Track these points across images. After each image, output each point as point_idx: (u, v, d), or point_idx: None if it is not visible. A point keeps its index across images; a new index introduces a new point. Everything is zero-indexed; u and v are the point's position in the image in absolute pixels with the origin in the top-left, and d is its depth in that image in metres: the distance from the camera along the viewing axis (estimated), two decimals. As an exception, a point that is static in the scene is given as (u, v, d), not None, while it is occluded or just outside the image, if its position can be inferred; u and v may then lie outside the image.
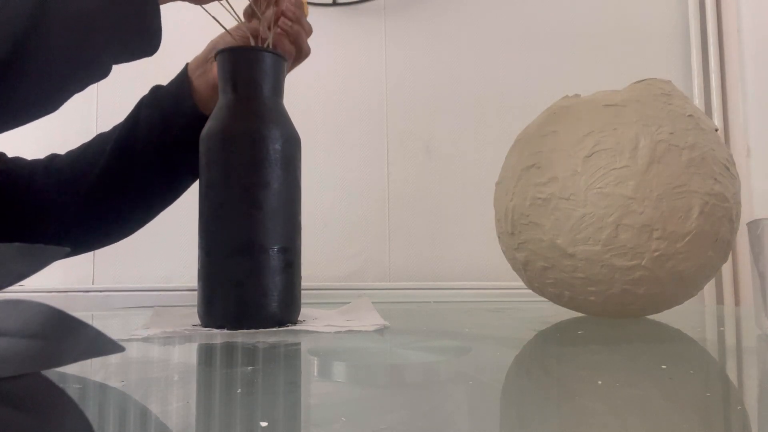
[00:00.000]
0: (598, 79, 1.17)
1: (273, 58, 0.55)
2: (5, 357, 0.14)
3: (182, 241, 1.13)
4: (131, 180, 0.67)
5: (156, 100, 0.68)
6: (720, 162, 0.51)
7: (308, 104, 1.18)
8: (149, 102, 0.68)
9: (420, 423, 0.23)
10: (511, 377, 0.34)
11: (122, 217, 0.71)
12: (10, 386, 0.14)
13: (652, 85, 0.54)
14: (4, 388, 0.14)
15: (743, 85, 1.14)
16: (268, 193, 0.52)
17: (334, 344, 0.44)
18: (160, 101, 0.67)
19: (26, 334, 0.15)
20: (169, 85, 0.68)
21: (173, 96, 0.67)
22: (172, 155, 0.67)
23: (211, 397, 0.29)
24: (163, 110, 0.67)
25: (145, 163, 0.67)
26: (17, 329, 0.15)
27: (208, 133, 0.54)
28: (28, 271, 0.16)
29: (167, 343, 0.45)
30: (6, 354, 0.15)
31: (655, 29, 1.20)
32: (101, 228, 0.71)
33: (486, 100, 1.19)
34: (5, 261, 0.16)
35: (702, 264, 0.50)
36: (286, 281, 0.53)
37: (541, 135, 0.55)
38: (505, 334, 0.53)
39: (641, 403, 0.26)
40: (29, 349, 0.15)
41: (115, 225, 0.71)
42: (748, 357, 0.42)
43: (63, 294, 1.11)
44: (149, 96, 0.69)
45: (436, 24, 1.21)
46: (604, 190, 0.49)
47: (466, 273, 1.15)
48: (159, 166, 0.67)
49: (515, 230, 0.55)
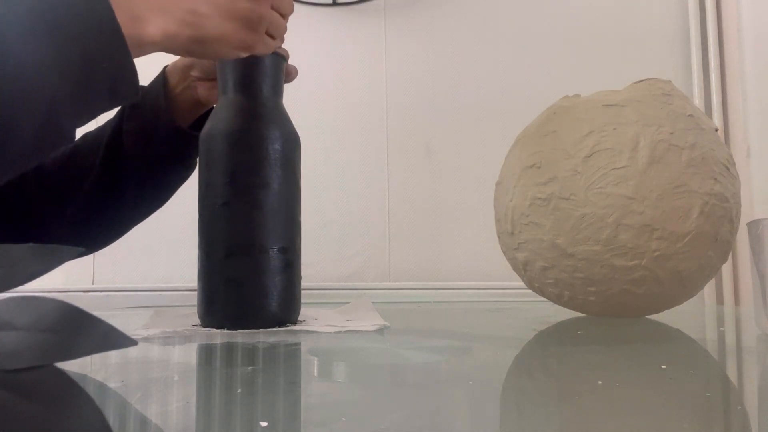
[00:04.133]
0: (598, 79, 1.16)
1: (273, 58, 0.55)
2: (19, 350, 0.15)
3: (182, 241, 1.13)
4: (123, 190, 0.66)
5: (136, 109, 0.64)
6: (720, 162, 0.51)
7: (308, 104, 1.18)
8: (130, 110, 0.65)
9: (420, 423, 0.23)
10: (511, 377, 0.34)
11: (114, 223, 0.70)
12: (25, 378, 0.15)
13: (652, 85, 0.54)
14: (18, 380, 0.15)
15: (743, 85, 1.14)
16: (268, 193, 0.52)
17: (334, 344, 0.44)
18: (141, 112, 0.64)
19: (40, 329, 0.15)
20: (148, 92, 0.65)
21: (151, 107, 0.64)
22: (158, 166, 0.66)
23: (211, 397, 0.29)
24: (144, 122, 0.64)
25: (134, 173, 0.66)
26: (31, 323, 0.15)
27: (208, 133, 0.54)
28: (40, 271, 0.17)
29: (167, 343, 0.45)
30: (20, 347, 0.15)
31: (655, 29, 1.20)
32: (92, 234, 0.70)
33: (486, 100, 1.19)
34: (18, 260, 0.16)
35: (702, 264, 0.50)
36: (286, 281, 0.53)
37: (541, 135, 0.55)
38: (505, 334, 0.53)
39: (641, 403, 0.26)
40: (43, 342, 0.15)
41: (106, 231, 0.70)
42: (748, 357, 0.42)
43: (63, 294, 1.11)
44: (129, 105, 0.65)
45: (436, 24, 1.21)
46: (604, 190, 0.49)
47: (466, 273, 1.15)
48: (148, 175, 0.66)
49: (515, 230, 0.55)
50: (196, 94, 0.64)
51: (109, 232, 0.71)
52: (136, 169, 0.65)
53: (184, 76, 0.64)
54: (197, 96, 0.64)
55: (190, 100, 0.65)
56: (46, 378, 0.15)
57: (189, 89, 0.64)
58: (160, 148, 0.64)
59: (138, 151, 0.64)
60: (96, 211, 0.67)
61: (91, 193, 0.66)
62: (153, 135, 0.64)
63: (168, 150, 0.65)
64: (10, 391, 0.14)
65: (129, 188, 0.66)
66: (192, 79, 0.64)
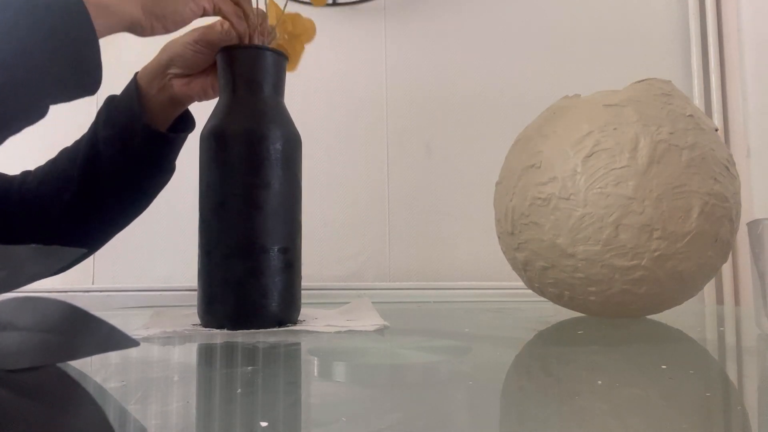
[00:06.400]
0: (598, 79, 1.16)
1: (274, 57, 0.55)
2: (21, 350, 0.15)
3: (182, 241, 1.13)
4: (103, 201, 0.66)
5: (111, 119, 0.65)
6: (720, 162, 0.51)
7: (308, 104, 1.18)
8: (105, 120, 0.65)
9: (420, 423, 0.23)
10: (511, 377, 0.34)
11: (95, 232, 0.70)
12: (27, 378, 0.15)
13: (652, 85, 0.54)
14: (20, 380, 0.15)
15: (743, 85, 1.14)
16: (268, 193, 0.52)
17: (334, 344, 0.44)
18: (115, 120, 0.65)
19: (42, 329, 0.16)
20: (121, 100, 0.66)
21: (125, 114, 0.64)
22: (136, 171, 0.66)
23: (211, 397, 0.29)
24: (119, 130, 0.64)
25: (113, 184, 0.65)
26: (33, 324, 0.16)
27: (208, 133, 0.54)
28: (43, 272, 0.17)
29: (167, 343, 0.45)
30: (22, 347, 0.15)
31: (655, 29, 1.20)
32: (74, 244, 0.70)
33: (486, 99, 1.19)
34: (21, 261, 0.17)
35: (702, 264, 0.50)
36: (286, 281, 0.53)
37: (541, 135, 0.55)
38: (505, 334, 0.53)
39: (641, 403, 0.26)
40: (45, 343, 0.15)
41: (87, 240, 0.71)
42: (748, 357, 0.42)
43: (63, 294, 1.11)
44: (104, 112, 0.66)
45: (436, 24, 1.21)
46: (604, 190, 0.49)
47: (466, 273, 1.15)
48: (126, 182, 0.66)
49: (515, 230, 0.55)
50: (174, 92, 0.64)
51: (91, 242, 0.71)
52: (115, 176, 0.65)
53: (158, 76, 0.64)
54: (175, 94, 0.64)
55: (167, 100, 0.65)
56: (47, 378, 0.15)
57: (165, 89, 0.64)
58: (136, 153, 0.64)
59: (115, 159, 0.65)
60: (77, 221, 0.67)
61: (71, 204, 0.66)
62: (129, 141, 0.64)
63: (145, 154, 0.65)
64: (12, 391, 0.14)
65: (108, 196, 0.67)
66: (169, 77, 0.64)
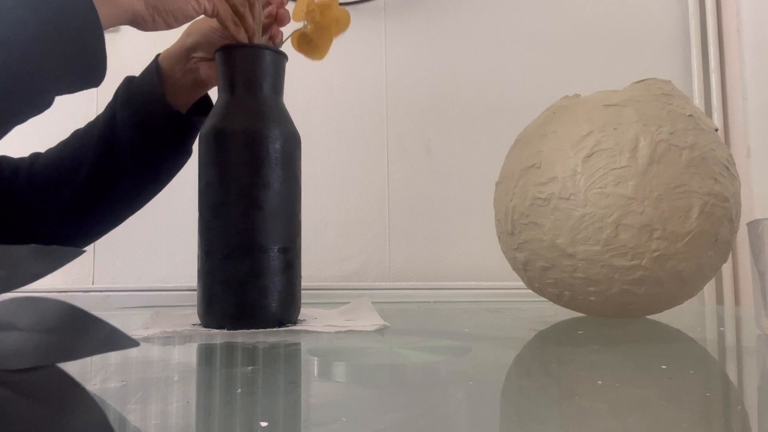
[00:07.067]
0: (598, 79, 1.16)
1: (273, 56, 0.55)
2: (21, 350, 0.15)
3: (182, 241, 1.13)
4: (116, 184, 0.66)
5: (130, 99, 0.65)
6: (720, 162, 0.51)
7: (308, 103, 1.18)
8: (123, 101, 0.65)
9: (420, 423, 0.23)
10: (511, 377, 0.34)
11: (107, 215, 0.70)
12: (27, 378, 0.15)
13: (652, 85, 0.54)
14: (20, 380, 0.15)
15: (743, 85, 1.14)
16: (268, 193, 0.52)
17: (334, 344, 0.44)
18: (134, 100, 0.65)
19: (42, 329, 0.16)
20: (141, 82, 0.65)
21: (146, 95, 0.64)
22: (155, 153, 0.66)
23: (211, 397, 0.29)
24: (138, 110, 0.64)
25: (129, 165, 0.65)
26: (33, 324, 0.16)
27: (207, 132, 0.54)
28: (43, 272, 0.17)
29: (167, 343, 0.45)
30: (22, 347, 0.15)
31: (655, 29, 1.20)
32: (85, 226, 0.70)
33: (486, 100, 1.19)
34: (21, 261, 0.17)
35: (702, 264, 0.50)
36: (286, 281, 0.53)
37: (541, 135, 0.55)
38: (505, 334, 0.53)
39: (641, 403, 0.26)
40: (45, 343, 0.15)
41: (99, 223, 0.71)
42: (748, 357, 0.42)
43: (63, 294, 1.11)
44: (124, 92, 0.66)
45: (436, 24, 1.21)
46: (604, 190, 0.49)
47: (466, 273, 1.15)
48: (144, 165, 0.66)
49: (515, 230, 0.55)
50: (199, 76, 0.65)
51: (102, 224, 0.71)
52: (132, 159, 0.65)
53: (182, 60, 0.65)
54: (200, 77, 0.65)
55: (191, 83, 0.65)
56: (47, 378, 0.15)
57: (191, 72, 0.65)
58: (155, 134, 0.65)
59: (133, 139, 0.65)
60: (88, 204, 0.67)
61: (83, 187, 0.66)
62: (149, 122, 0.64)
63: (164, 136, 0.65)
64: (12, 391, 0.15)
65: (123, 179, 0.67)
66: (194, 61, 0.64)
